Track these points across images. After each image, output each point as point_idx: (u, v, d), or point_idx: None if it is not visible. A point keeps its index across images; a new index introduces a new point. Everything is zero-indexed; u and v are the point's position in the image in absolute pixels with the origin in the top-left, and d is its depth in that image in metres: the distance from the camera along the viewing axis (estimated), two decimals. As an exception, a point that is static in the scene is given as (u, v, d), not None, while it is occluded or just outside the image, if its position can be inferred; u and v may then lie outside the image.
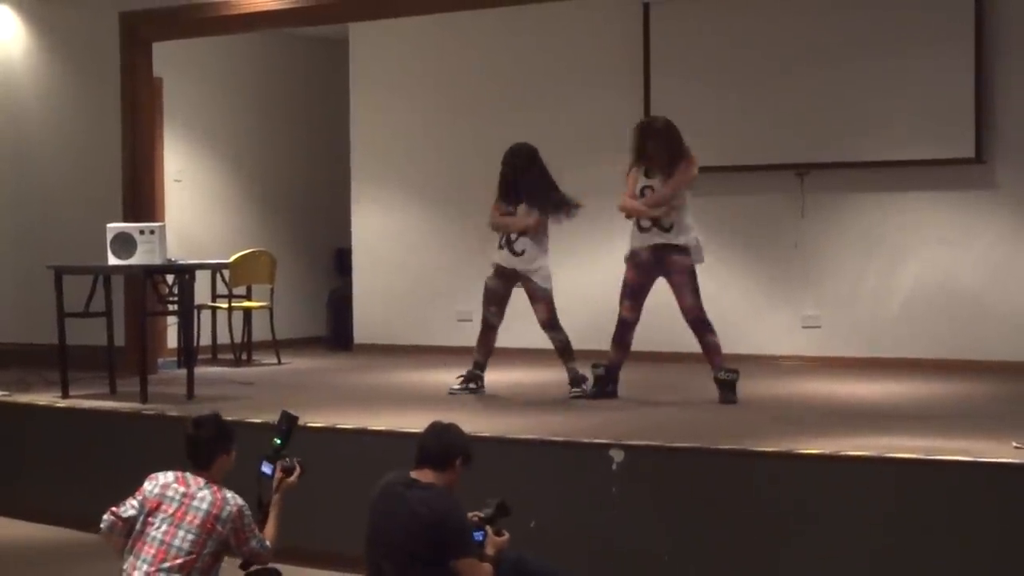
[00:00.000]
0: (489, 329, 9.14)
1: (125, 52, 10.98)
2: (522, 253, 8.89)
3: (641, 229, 8.50)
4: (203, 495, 5.66)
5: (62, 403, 9.07)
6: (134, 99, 10.97)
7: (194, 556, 5.58)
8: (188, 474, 5.77)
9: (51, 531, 8.56)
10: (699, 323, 8.49)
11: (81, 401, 9.07)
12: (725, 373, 8.43)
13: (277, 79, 13.55)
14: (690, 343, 8.64)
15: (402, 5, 10.42)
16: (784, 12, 10.78)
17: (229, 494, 5.72)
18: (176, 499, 5.66)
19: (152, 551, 5.59)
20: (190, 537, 5.59)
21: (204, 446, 5.82)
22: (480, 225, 11.06)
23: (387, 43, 12.41)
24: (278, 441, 6.15)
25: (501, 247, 8.99)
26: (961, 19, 10.11)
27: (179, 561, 5.56)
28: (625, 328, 8.65)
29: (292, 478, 6.10)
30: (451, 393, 9.04)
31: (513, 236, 8.93)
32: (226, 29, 11.38)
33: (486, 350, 9.17)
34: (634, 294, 8.58)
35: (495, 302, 9.07)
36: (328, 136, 13.47)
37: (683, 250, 8.44)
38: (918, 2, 10.32)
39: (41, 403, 9.15)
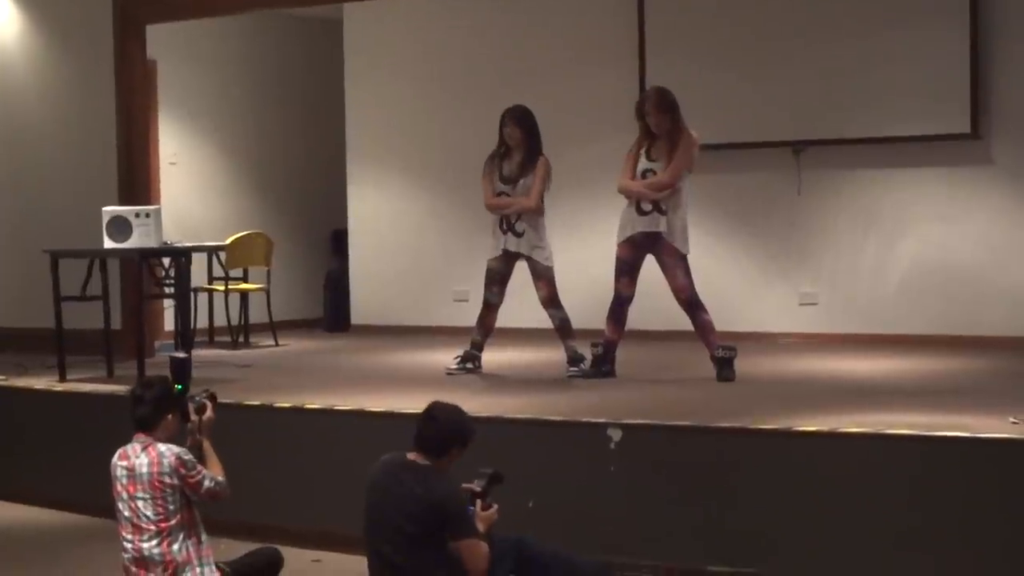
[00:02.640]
0: (490, 309, 9.12)
1: (119, 34, 10.94)
2: (523, 234, 8.87)
3: (641, 212, 8.48)
4: (141, 461, 5.73)
5: (59, 387, 9.07)
6: (128, 81, 10.94)
7: (163, 517, 5.68)
8: (130, 444, 5.82)
9: (48, 514, 8.57)
10: (691, 303, 8.49)
11: (79, 385, 9.07)
12: (723, 351, 8.43)
13: (272, 60, 13.52)
14: (687, 321, 8.63)
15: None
16: (778, -11, 10.77)
17: (163, 447, 5.76)
18: (124, 476, 5.76)
19: (129, 531, 5.73)
20: (149, 503, 5.69)
21: (151, 404, 5.84)
22: (477, 205, 11.03)
23: (382, 22, 12.38)
24: (179, 387, 6.16)
25: (504, 231, 8.93)
26: (957, -6, 10.10)
27: (153, 528, 5.68)
28: (622, 304, 8.65)
29: (208, 414, 6.09)
30: (448, 373, 9.04)
31: (513, 218, 8.91)
32: (220, 10, 11.34)
33: (485, 330, 9.16)
34: (632, 270, 8.59)
35: (497, 282, 9.06)
36: (324, 117, 13.45)
37: (677, 235, 8.44)
38: (914, -23, 10.31)
39: (39, 387, 9.15)
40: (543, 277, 8.90)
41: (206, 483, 5.78)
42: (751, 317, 10.70)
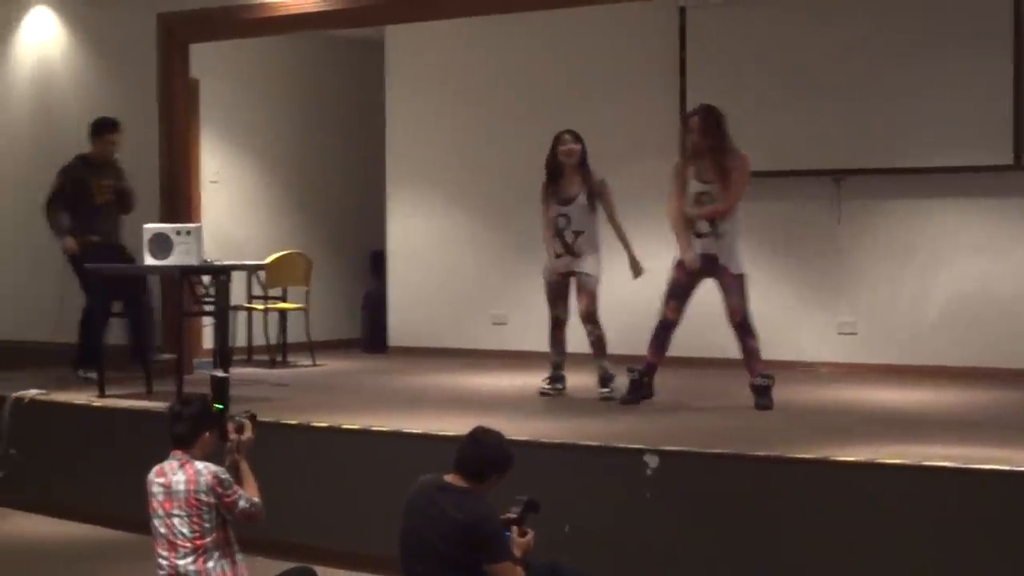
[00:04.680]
0: (559, 325, 9.10)
1: (162, 53, 11.03)
2: (581, 255, 8.91)
3: (698, 235, 8.44)
4: (178, 478, 5.73)
5: (98, 402, 9.11)
6: (171, 100, 11.02)
7: (199, 534, 5.68)
8: (167, 461, 5.82)
9: (87, 529, 8.60)
10: (742, 326, 8.43)
11: (117, 400, 9.10)
12: (761, 378, 8.40)
13: (313, 80, 13.57)
14: (726, 348, 8.62)
15: (440, 8, 10.41)
16: (820, 17, 10.74)
17: (200, 465, 5.75)
18: (160, 493, 5.75)
19: (164, 548, 5.72)
20: (184, 520, 5.68)
21: (189, 421, 5.85)
22: (516, 228, 11.08)
23: (423, 45, 12.42)
24: (220, 407, 6.13)
25: (560, 255, 8.94)
26: (999, 23, 10.05)
27: (189, 546, 5.67)
28: (667, 329, 8.57)
29: (248, 434, 6.06)
30: (542, 393, 9.08)
31: (569, 239, 8.91)
32: (263, 31, 11.41)
33: (561, 346, 9.14)
34: (683, 294, 8.51)
35: (562, 296, 9.05)
36: (364, 138, 13.49)
37: (732, 258, 8.42)
38: (956, 6, 10.27)
39: (78, 402, 9.19)
40: (587, 291, 8.91)
41: (241, 503, 5.78)
42: (789, 346, 10.66)
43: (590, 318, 8.92)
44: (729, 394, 8.81)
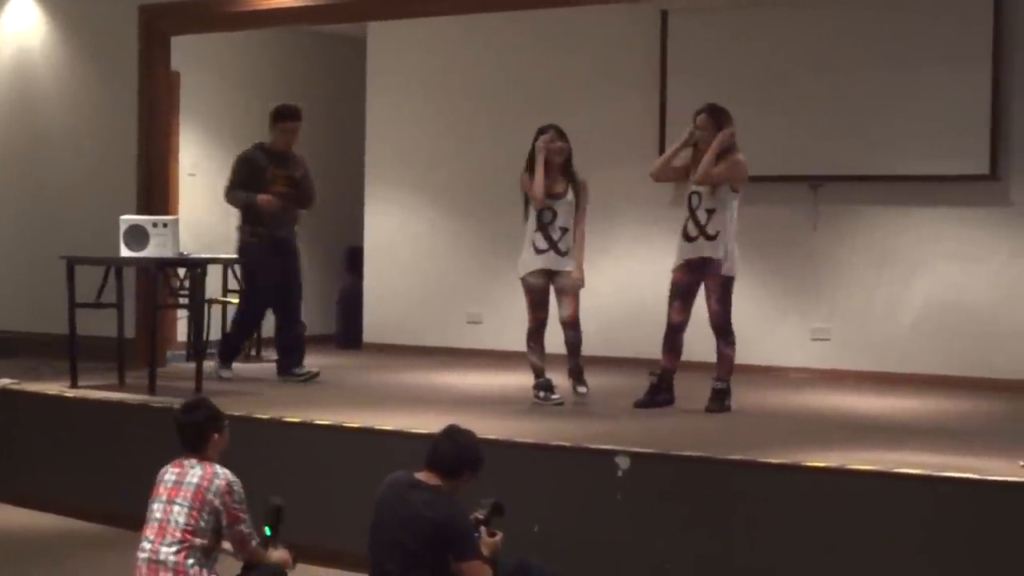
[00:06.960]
0: (543, 328, 8.74)
1: (143, 45, 11.01)
2: (567, 253, 8.62)
3: (687, 239, 8.41)
4: (194, 471, 5.75)
5: (71, 393, 9.09)
6: (151, 92, 11.00)
7: (191, 528, 5.65)
8: (185, 458, 5.84)
9: (57, 520, 8.58)
10: (719, 330, 8.41)
11: (90, 392, 9.08)
12: (717, 382, 8.41)
13: (294, 76, 13.55)
14: (700, 352, 8.62)
15: (422, 6, 10.42)
16: (801, 23, 10.78)
17: (220, 469, 5.76)
18: (171, 480, 5.76)
19: (153, 531, 5.70)
20: (184, 510, 5.67)
21: (196, 428, 5.87)
22: (494, 226, 11.05)
23: (405, 43, 12.42)
24: (268, 532, 6.06)
25: (543, 251, 8.61)
26: (979, 34, 10.10)
27: (178, 535, 5.65)
28: (675, 332, 8.52)
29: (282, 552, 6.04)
30: (554, 403, 8.68)
31: (555, 235, 8.58)
32: (244, 25, 11.40)
33: (543, 349, 8.77)
34: (683, 295, 8.46)
35: (547, 297, 8.71)
36: (343, 134, 13.47)
37: (723, 260, 8.33)
38: (936, 16, 10.31)
39: (50, 392, 9.16)
40: (571, 292, 8.64)
41: (243, 527, 5.78)
42: (763, 351, 10.69)
43: (575, 321, 8.67)
44: (702, 397, 8.80)
